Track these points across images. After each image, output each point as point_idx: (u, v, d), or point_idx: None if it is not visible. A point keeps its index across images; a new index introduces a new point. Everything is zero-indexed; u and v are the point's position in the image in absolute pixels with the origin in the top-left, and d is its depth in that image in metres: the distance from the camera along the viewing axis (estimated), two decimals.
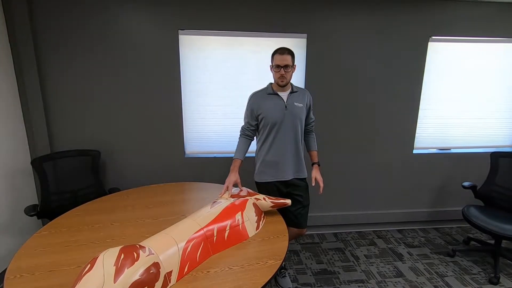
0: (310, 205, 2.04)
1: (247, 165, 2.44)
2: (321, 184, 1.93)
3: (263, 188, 1.93)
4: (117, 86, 2.40)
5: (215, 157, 2.63)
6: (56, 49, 2.27)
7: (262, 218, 1.59)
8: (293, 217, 1.95)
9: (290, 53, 1.77)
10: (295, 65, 1.84)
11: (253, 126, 1.90)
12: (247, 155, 2.35)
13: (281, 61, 1.75)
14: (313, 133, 2.06)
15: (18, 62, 2.20)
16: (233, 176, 1.80)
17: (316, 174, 1.96)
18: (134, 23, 2.31)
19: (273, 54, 1.80)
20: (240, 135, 1.94)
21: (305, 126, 1.98)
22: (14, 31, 2.15)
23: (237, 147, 1.91)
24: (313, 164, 2.02)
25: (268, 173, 1.91)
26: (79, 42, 2.28)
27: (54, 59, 2.28)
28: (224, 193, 1.72)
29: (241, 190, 1.75)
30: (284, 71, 1.76)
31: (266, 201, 1.63)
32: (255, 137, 1.99)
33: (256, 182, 1.98)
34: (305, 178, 1.98)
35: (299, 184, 1.95)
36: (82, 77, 2.34)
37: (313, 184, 1.96)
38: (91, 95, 2.38)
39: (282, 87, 1.83)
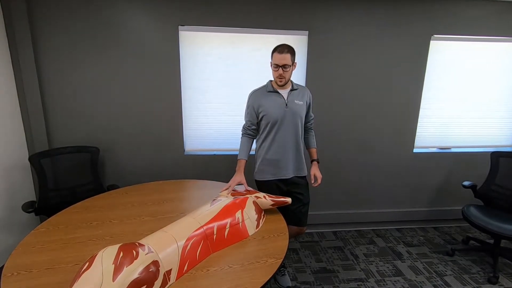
0: (309, 203, 2.03)
1: (247, 163, 2.43)
2: (319, 181, 1.94)
3: (263, 186, 1.92)
4: (116, 82, 2.37)
5: (215, 155, 2.62)
6: (54, 44, 2.24)
7: (262, 217, 1.58)
8: (293, 215, 1.94)
9: (290, 51, 1.72)
10: (296, 63, 1.80)
11: (255, 124, 1.89)
12: None
13: (280, 60, 1.71)
14: (312, 131, 2.05)
15: (16, 58, 2.18)
16: (238, 177, 1.81)
17: (315, 171, 1.96)
18: (133, 19, 2.28)
19: (272, 52, 1.75)
20: (242, 134, 1.93)
21: (305, 124, 1.96)
22: (13, 28, 2.12)
23: (240, 147, 1.91)
24: (312, 161, 2.01)
25: (268, 171, 1.90)
26: (77, 37, 2.26)
27: (53, 55, 2.26)
28: (225, 189, 1.74)
29: (245, 191, 1.74)
30: (283, 70, 1.73)
31: (266, 199, 1.62)
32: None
33: (256, 181, 1.97)
34: (305, 176, 1.97)
35: (299, 182, 1.94)
36: (80, 73, 2.32)
37: (313, 181, 1.95)
38: (90, 91, 2.36)
39: (281, 86, 1.81)
